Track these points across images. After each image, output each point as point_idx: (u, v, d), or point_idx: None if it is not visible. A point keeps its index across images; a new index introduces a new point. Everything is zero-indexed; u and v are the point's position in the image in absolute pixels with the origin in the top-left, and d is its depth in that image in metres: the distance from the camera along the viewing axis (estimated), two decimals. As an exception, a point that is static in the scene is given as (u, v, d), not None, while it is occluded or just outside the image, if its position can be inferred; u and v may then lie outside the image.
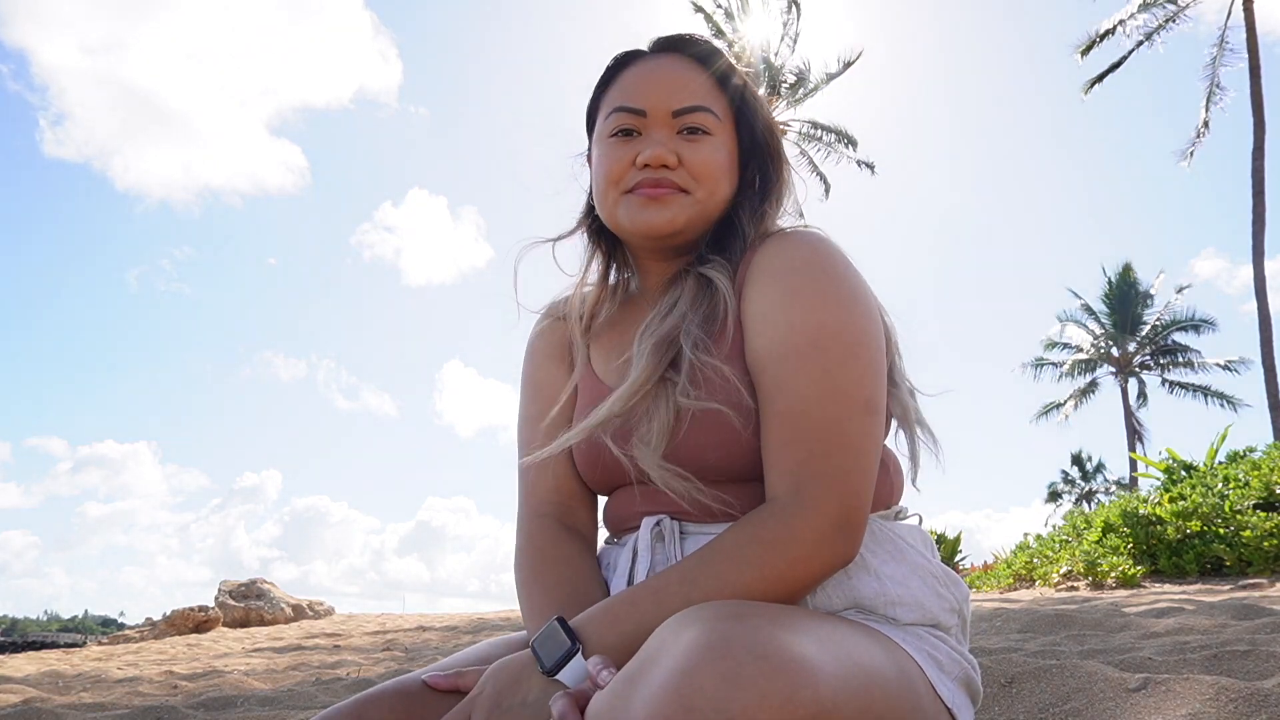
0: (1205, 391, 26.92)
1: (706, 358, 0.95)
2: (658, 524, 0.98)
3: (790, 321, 0.92)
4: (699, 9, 20.73)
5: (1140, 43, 18.84)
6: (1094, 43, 19.08)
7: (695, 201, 1.02)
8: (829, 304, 0.92)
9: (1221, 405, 26.49)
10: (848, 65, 20.87)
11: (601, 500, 1.12)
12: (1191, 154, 18.99)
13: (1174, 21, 18.69)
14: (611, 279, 1.16)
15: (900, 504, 1.04)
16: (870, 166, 21.43)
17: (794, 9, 20.70)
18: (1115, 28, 18.84)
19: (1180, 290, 28.18)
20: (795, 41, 20.94)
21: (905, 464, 1.04)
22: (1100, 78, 19.32)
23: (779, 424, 0.90)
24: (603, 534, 1.12)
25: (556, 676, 0.83)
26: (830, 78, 21.02)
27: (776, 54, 20.93)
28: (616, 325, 1.12)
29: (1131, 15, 18.72)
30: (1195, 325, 27.72)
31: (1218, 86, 18.65)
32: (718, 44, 1.10)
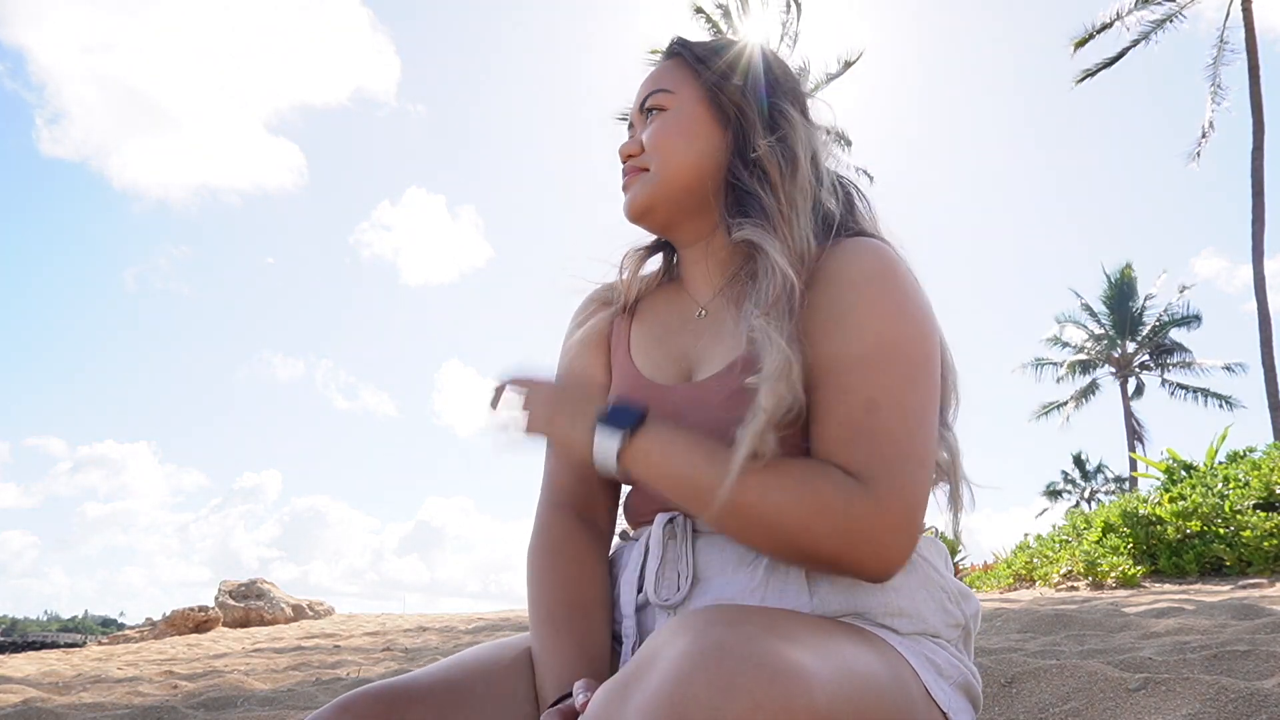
0: (1204, 393, 26.91)
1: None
2: (670, 521, 0.97)
3: (863, 327, 0.90)
4: (699, 10, 20.70)
5: (1136, 41, 18.81)
6: (1089, 36, 19.01)
7: (653, 175, 1.04)
8: (904, 318, 0.91)
9: (1220, 406, 26.49)
10: (848, 65, 20.85)
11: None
12: (1199, 155, 18.93)
13: (1171, 21, 18.68)
14: (654, 265, 1.17)
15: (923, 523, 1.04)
16: (869, 175, 21.45)
17: (793, 8, 20.68)
18: (1112, 22, 18.78)
19: (1184, 290, 28.14)
20: (795, 41, 20.92)
21: (940, 508, 1.02)
22: (1093, 72, 19.22)
23: (847, 425, 0.87)
24: (620, 526, 1.12)
25: (598, 424, 0.90)
26: (830, 78, 21.00)
27: (776, 53, 20.90)
28: (659, 315, 1.11)
29: (1129, 11, 18.68)
30: (1186, 321, 27.73)
31: (1219, 87, 18.64)
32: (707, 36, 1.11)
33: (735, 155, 1.04)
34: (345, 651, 5.85)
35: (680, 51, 1.09)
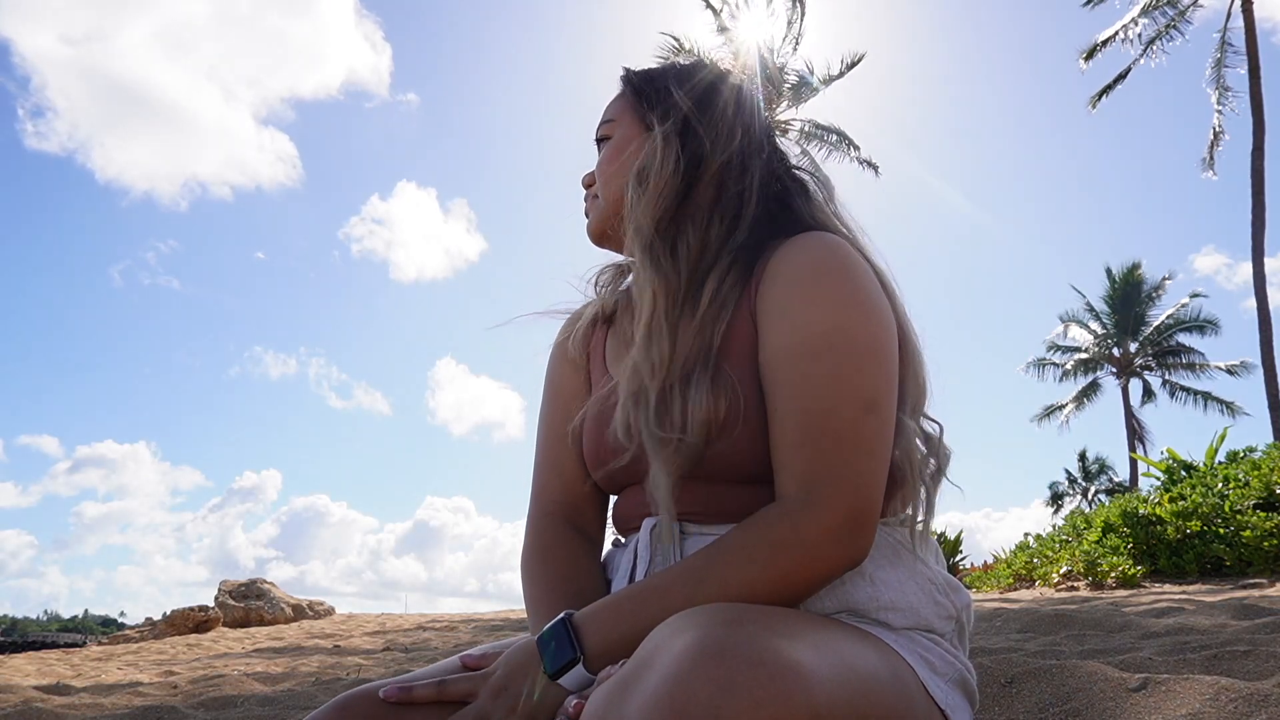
0: (1206, 397, 26.84)
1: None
2: (657, 525, 0.98)
3: (808, 321, 0.92)
4: (708, 4, 20.61)
5: (1142, 52, 18.95)
6: (1096, 48, 19.14)
7: (600, 202, 1.11)
8: (846, 306, 0.92)
9: (1221, 411, 26.42)
10: (852, 65, 20.78)
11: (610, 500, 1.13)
12: (1212, 160, 18.86)
13: (1175, 27, 18.74)
14: (628, 281, 1.19)
15: (905, 513, 1.04)
16: (874, 167, 21.39)
17: (798, 8, 20.63)
18: (1117, 34, 18.90)
19: (1194, 296, 27.93)
20: (798, 42, 20.87)
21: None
22: (1107, 89, 19.46)
23: (791, 424, 0.90)
24: (612, 534, 1.13)
25: (558, 681, 0.85)
26: (833, 78, 20.93)
27: (779, 53, 20.87)
28: (631, 324, 1.13)
29: (1134, 20, 18.77)
30: (1200, 326, 27.61)
31: (1225, 87, 18.66)
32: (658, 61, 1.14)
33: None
34: (345, 652, 5.85)
35: (623, 79, 1.14)
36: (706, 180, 1.04)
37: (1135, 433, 28.38)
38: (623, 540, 1.08)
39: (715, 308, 0.98)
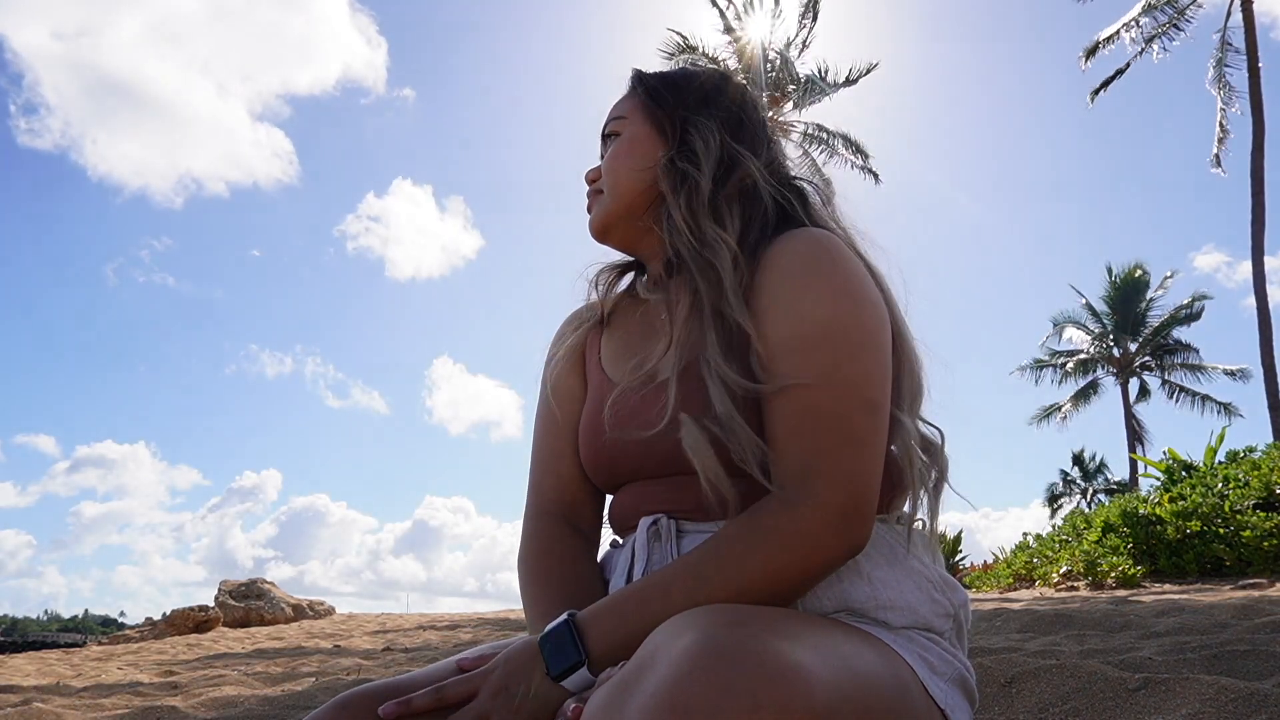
0: (1204, 398, 26.83)
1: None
2: (654, 523, 0.98)
3: (801, 314, 0.93)
4: (713, 3, 20.56)
5: (1142, 50, 19.01)
6: (1097, 46, 19.19)
7: (605, 197, 1.11)
8: (839, 298, 0.93)
9: (1219, 413, 26.40)
10: (866, 72, 20.69)
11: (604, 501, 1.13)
12: (1218, 158, 18.88)
13: (1175, 25, 18.79)
14: (625, 283, 1.21)
15: (904, 510, 1.04)
16: (875, 175, 21.34)
17: (809, 12, 20.58)
18: (1118, 32, 18.95)
19: (1198, 299, 27.91)
20: (806, 44, 20.82)
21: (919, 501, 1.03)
22: (1105, 84, 19.47)
23: (787, 416, 0.90)
24: (609, 535, 1.13)
25: (561, 684, 0.84)
26: (840, 85, 20.87)
27: (787, 56, 20.81)
28: (629, 325, 1.15)
29: (1135, 20, 18.82)
30: (1186, 320, 27.62)
31: (1228, 85, 18.68)
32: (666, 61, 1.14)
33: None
34: (345, 652, 5.86)
35: (635, 80, 1.15)
36: (725, 185, 1.05)
37: (1135, 433, 28.36)
38: (620, 541, 1.08)
39: (720, 304, 0.99)
